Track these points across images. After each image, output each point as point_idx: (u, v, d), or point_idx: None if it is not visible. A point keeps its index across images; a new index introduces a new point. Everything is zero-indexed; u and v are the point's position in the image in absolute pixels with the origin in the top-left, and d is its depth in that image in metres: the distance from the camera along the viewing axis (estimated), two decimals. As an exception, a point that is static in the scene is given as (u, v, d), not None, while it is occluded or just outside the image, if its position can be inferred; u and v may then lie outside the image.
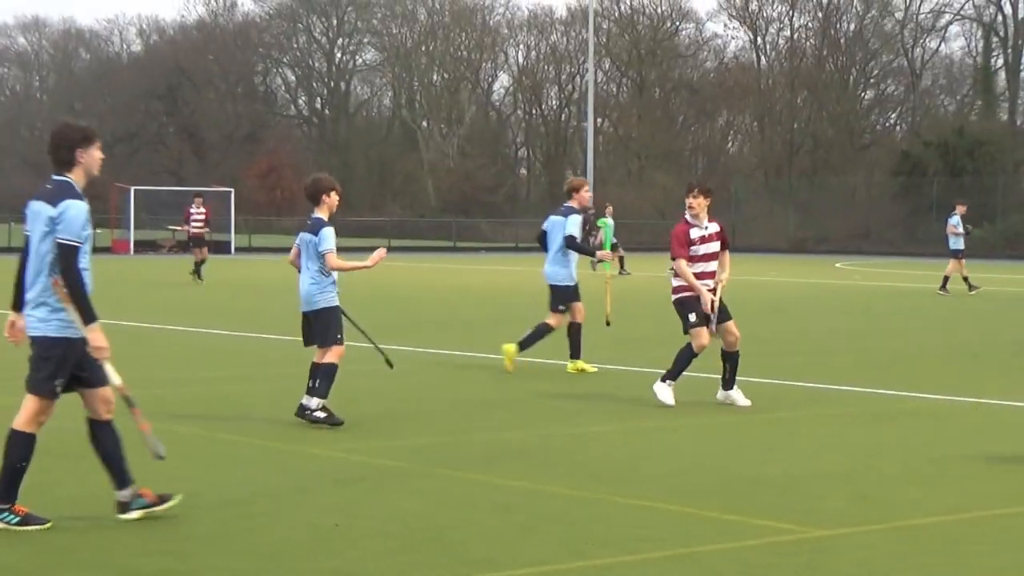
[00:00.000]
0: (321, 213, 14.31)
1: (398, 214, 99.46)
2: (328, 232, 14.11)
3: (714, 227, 15.95)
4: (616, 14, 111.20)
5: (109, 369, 9.59)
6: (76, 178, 9.48)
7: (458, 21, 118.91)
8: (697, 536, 9.63)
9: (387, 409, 15.92)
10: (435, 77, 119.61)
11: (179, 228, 50.01)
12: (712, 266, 15.93)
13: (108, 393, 9.67)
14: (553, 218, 19.63)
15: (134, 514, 9.68)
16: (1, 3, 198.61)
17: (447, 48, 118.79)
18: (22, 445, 9.46)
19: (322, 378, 14.02)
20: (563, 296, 19.43)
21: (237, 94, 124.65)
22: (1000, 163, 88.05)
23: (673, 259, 15.65)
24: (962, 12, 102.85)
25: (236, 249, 74.45)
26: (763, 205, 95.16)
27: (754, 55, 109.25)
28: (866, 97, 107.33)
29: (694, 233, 15.70)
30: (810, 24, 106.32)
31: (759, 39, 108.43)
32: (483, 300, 37.81)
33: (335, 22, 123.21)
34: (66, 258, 9.26)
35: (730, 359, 15.96)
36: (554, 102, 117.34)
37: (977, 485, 11.58)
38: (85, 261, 9.44)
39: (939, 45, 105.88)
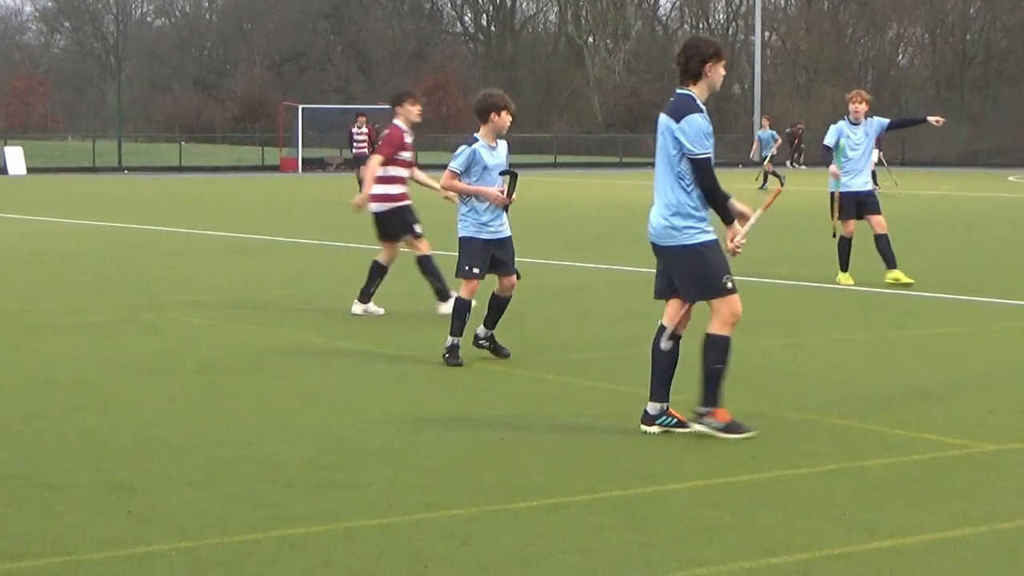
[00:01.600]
0: (482, 133, 12.98)
1: (564, 131, 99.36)
2: (460, 151, 12.99)
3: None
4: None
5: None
6: (699, 91, 9.80)
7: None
8: (860, 450, 9.53)
9: (552, 325, 15.98)
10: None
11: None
12: None
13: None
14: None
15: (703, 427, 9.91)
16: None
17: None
18: (720, 348, 9.88)
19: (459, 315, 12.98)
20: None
21: (403, 11, 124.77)
22: None
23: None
24: None
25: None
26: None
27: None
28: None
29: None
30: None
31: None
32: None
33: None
34: (699, 170, 9.65)
35: None
36: (721, 16, 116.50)
37: None
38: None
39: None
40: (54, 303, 17.73)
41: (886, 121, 20.21)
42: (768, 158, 50.78)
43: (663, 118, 9.83)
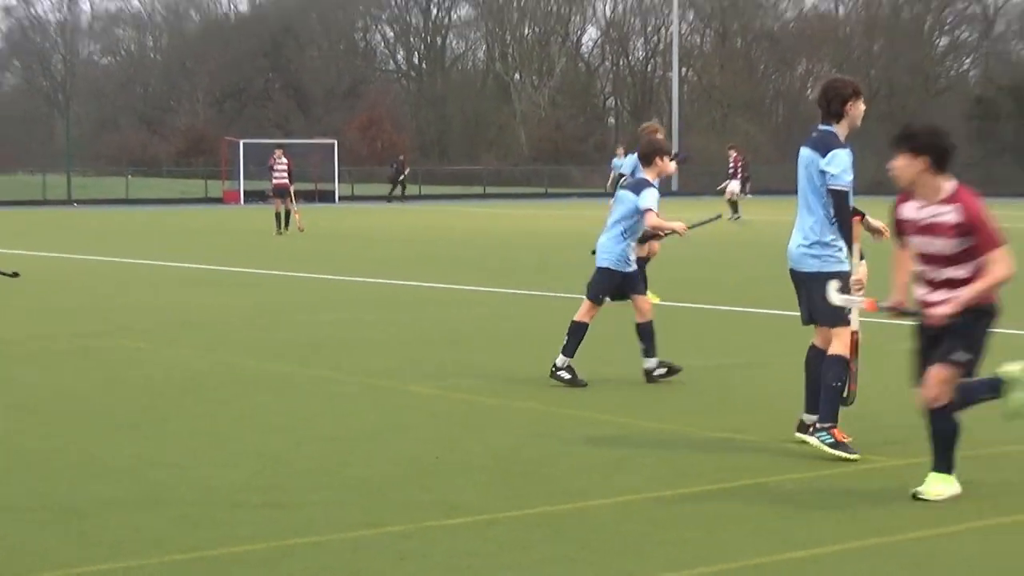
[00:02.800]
0: (648, 174, 12.90)
1: (493, 163, 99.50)
2: (651, 192, 12.67)
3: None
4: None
5: (854, 315, 10.00)
6: (840, 129, 9.80)
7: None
8: (776, 466, 9.57)
9: (483, 348, 15.95)
10: (527, 31, 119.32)
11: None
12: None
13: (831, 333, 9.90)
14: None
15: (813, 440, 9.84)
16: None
17: (538, 3, 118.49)
18: (839, 367, 9.77)
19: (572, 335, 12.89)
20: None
21: (339, 51, 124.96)
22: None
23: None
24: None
25: (340, 198, 74.83)
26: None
27: (832, 4, 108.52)
28: (940, 44, 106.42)
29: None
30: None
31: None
32: (575, 243, 37.72)
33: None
34: (837, 202, 9.65)
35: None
36: (640, 53, 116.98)
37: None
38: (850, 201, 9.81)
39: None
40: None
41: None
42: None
43: (806, 152, 9.86)
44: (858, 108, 9.86)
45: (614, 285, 12.94)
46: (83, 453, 10.04)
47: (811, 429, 9.86)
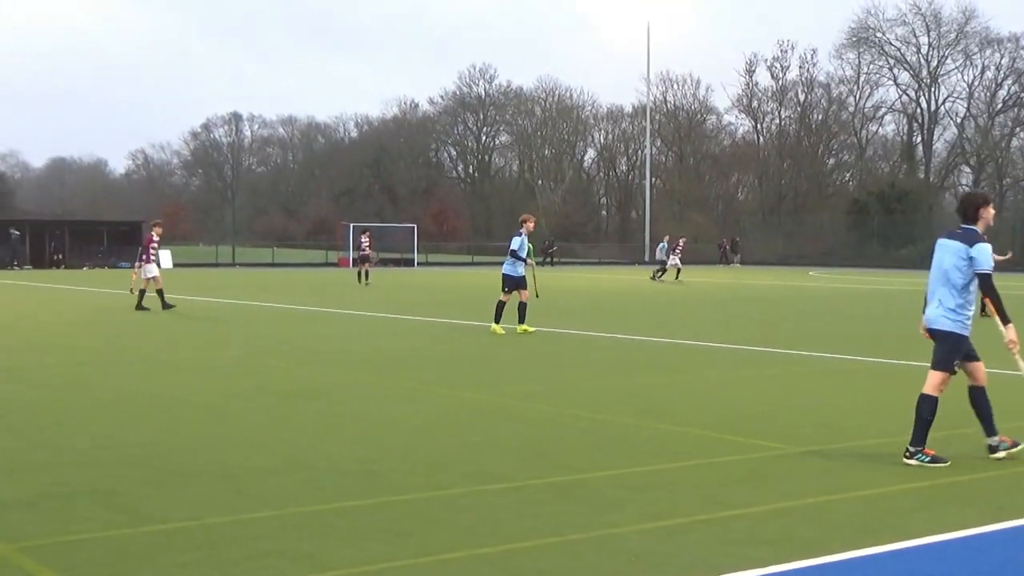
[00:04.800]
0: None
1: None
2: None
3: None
4: (664, 109, 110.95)
5: (1017, 359, 9.09)
6: (980, 227, 9.03)
7: (561, 115, 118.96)
8: (714, 451, 9.48)
9: (510, 365, 15.88)
10: (546, 152, 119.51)
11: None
12: None
13: (983, 368, 9.17)
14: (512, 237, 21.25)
15: (1000, 454, 9.15)
16: (266, 104, 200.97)
17: (554, 132, 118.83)
18: (930, 405, 8.98)
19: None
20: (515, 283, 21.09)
21: (418, 163, 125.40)
22: (918, 206, 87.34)
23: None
24: (893, 106, 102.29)
25: (417, 263, 74.89)
26: (761, 234, 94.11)
27: (755, 135, 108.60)
28: (829, 163, 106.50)
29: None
30: (792, 115, 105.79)
31: (759, 125, 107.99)
32: (577, 293, 37.71)
33: (482, 116, 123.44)
34: (984, 283, 8.90)
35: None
36: (624, 167, 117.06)
37: (906, 416, 11.29)
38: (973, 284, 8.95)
39: (878, 128, 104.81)
40: (185, 352, 17.60)
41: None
42: (666, 261, 50.49)
43: (953, 243, 9.01)
44: (989, 212, 9.05)
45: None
46: (248, 436, 10.05)
47: (911, 454, 9.02)
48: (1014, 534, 6.93)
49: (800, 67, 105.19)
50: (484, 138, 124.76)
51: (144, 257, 27.52)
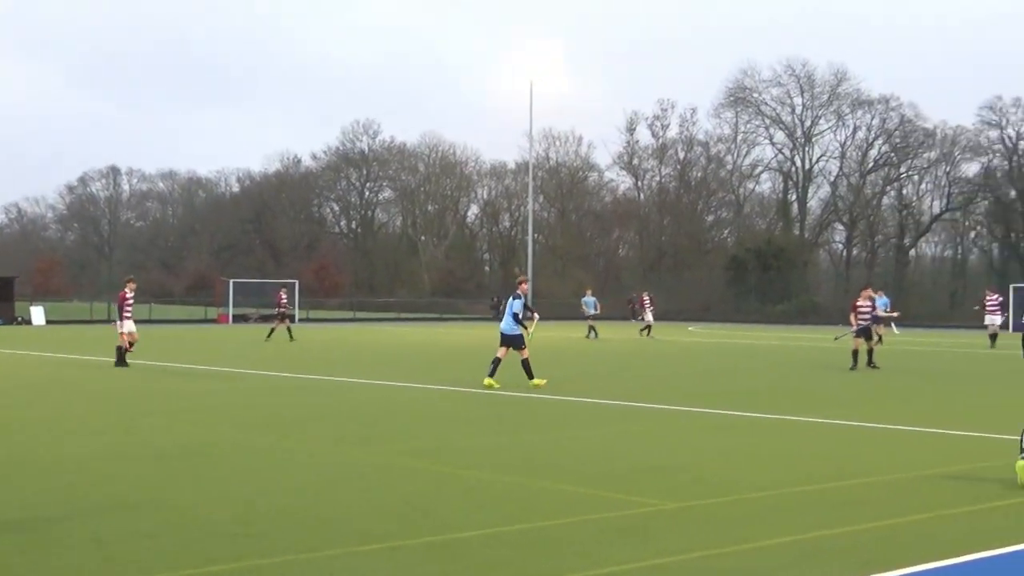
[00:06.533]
0: None
1: (404, 296, 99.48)
2: None
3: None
4: (547, 166, 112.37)
5: None
6: None
7: (445, 170, 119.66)
8: (595, 507, 9.48)
9: (404, 422, 15.78)
10: (430, 207, 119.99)
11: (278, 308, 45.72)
12: None
13: None
14: (511, 300, 22.66)
15: None
16: (146, 159, 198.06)
17: (437, 188, 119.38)
18: None
19: None
20: (511, 341, 22.41)
21: (300, 219, 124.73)
22: (794, 262, 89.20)
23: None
24: (770, 165, 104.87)
25: (299, 319, 74.23)
26: (641, 289, 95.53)
27: (636, 192, 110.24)
28: (708, 219, 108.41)
29: None
30: (672, 173, 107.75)
31: (639, 182, 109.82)
32: (460, 350, 37.67)
33: (365, 172, 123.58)
34: None
35: None
36: (507, 223, 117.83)
37: (780, 469, 11.51)
38: None
39: (755, 186, 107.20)
40: (48, 411, 17.13)
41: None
42: (592, 316, 48.91)
43: None
44: None
45: None
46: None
47: None
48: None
49: (680, 125, 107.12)
50: (367, 193, 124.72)
51: (120, 314, 28.36)
